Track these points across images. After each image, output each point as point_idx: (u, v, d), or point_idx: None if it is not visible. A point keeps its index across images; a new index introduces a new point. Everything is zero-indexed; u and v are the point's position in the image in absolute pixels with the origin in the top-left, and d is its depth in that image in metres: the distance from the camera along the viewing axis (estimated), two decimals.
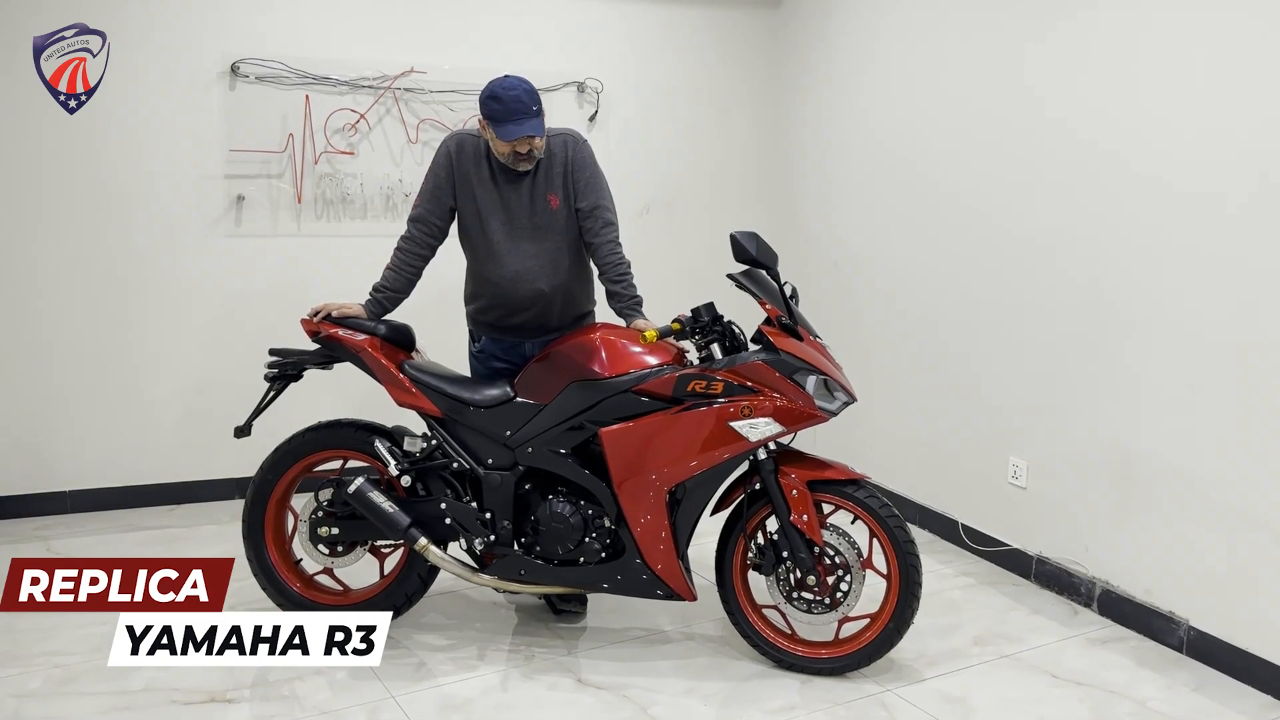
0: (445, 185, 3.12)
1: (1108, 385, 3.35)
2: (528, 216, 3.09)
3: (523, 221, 3.09)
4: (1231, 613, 3.01)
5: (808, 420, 2.83)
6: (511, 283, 3.10)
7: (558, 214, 3.10)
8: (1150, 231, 3.17)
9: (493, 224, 3.09)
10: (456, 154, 3.10)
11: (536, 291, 3.11)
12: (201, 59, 4.19)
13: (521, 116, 2.89)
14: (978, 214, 3.85)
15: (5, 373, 4.10)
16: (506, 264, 3.10)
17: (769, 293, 2.89)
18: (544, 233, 3.10)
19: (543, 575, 3.02)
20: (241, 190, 4.30)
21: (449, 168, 3.11)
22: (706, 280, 3.69)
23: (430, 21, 4.49)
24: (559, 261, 3.13)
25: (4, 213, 4.02)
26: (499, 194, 3.09)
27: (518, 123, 2.89)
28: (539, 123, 2.93)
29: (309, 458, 3.17)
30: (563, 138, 3.12)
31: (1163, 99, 3.11)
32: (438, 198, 3.13)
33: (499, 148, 2.97)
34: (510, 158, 2.98)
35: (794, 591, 2.92)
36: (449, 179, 3.11)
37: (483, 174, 3.09)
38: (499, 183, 3.09)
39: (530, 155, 2.98)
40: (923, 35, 4.10)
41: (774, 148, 5.12)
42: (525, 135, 2.91)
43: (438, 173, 3.13)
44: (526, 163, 3.00)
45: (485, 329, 3.26)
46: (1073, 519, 3.52)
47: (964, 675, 3.00)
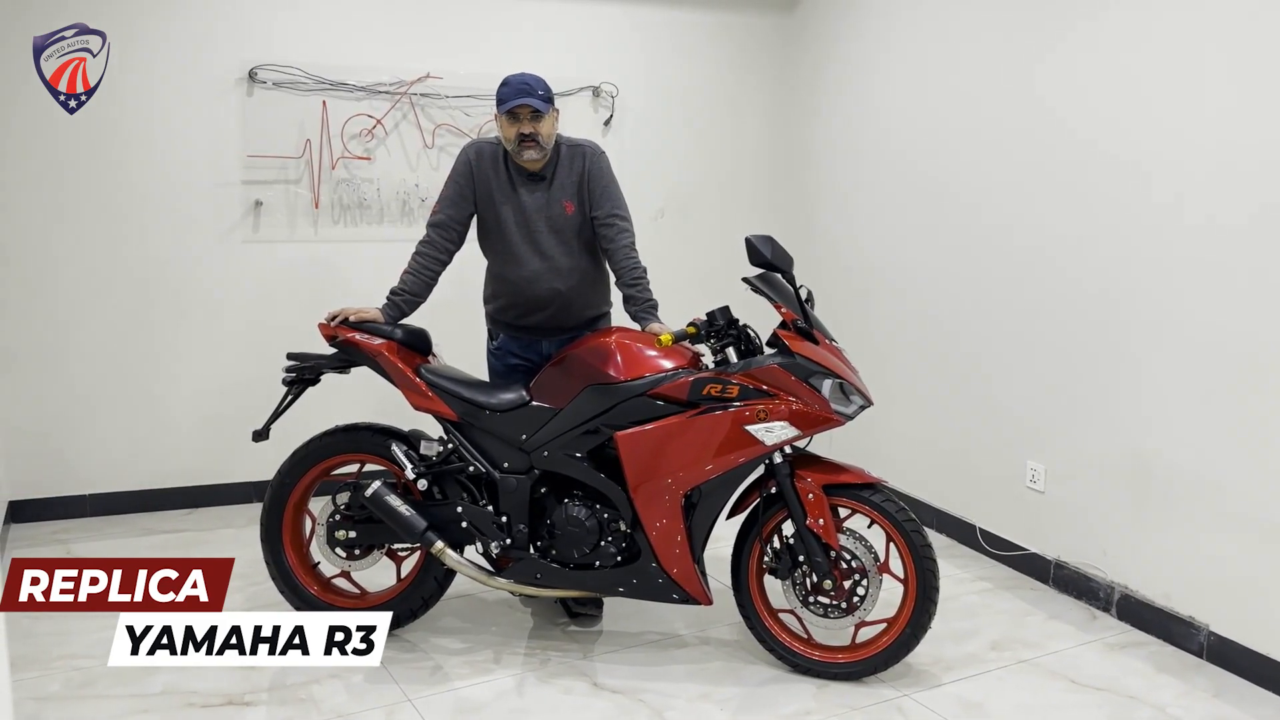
0: (466, 190, 3.20)
1: (1125, 390, 3.33)
2: (544, 220, 3.16)
3: (539, 224, 3.16)
4: (1251, 617, 2.99)
5: (823, 424, 2.82)
6: (529, 282, 3.17)
7: (572, 219, 3.18)
8: (1165, 238, 3.15)
9: (511, 227, 3.17)
10: (476, 160, 3.19)
11: (553, 291, 3.18)
12: (220, 65, 4.22)
13: (524, 94, 3.03)
14: (992, 218, 3.84)
15: (25, 377, 4.13)
16: (524, 265, 3.17)
17: (784, 296, 2.89)
18: (559, 236, 3.17)
19: (558, 579, 3.02)
20: (259, 195, 4.33)
21: (469, 174, 3.19)
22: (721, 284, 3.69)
23: (446, 27, 4.52)
24: (574, 263, 3.20)
25: (25, 218, 4.05)
26: (517, 198, 3.17)
27: (519, 97, 3.03)
28: (541, 102, 3.04)
29: (326, 461, 3.19)
30: (581, 148, 3.21)
31: (1176, 109, 3.10)
32: (458, 203, 3.21)
33: (506, 133, 3.08)
34: (516, 143, 3.07)
35: (810, 596, 2.92)
36: (469, 184, 3.19)
37: (501, 179, 3.17)
38: (516, 188, 3.17)
39: (535, 141, 3.06)
40: (936, 41, 4.10)
41: (788, 152, 5.12)
42: (524, 105, 3.01)
43: (458, 179, 3.21)
44: (533, 148, 3.07)
45: (503, 328, 3.32)
46: (1091, 523, 3.50)
47: (981, 680, 2.99)
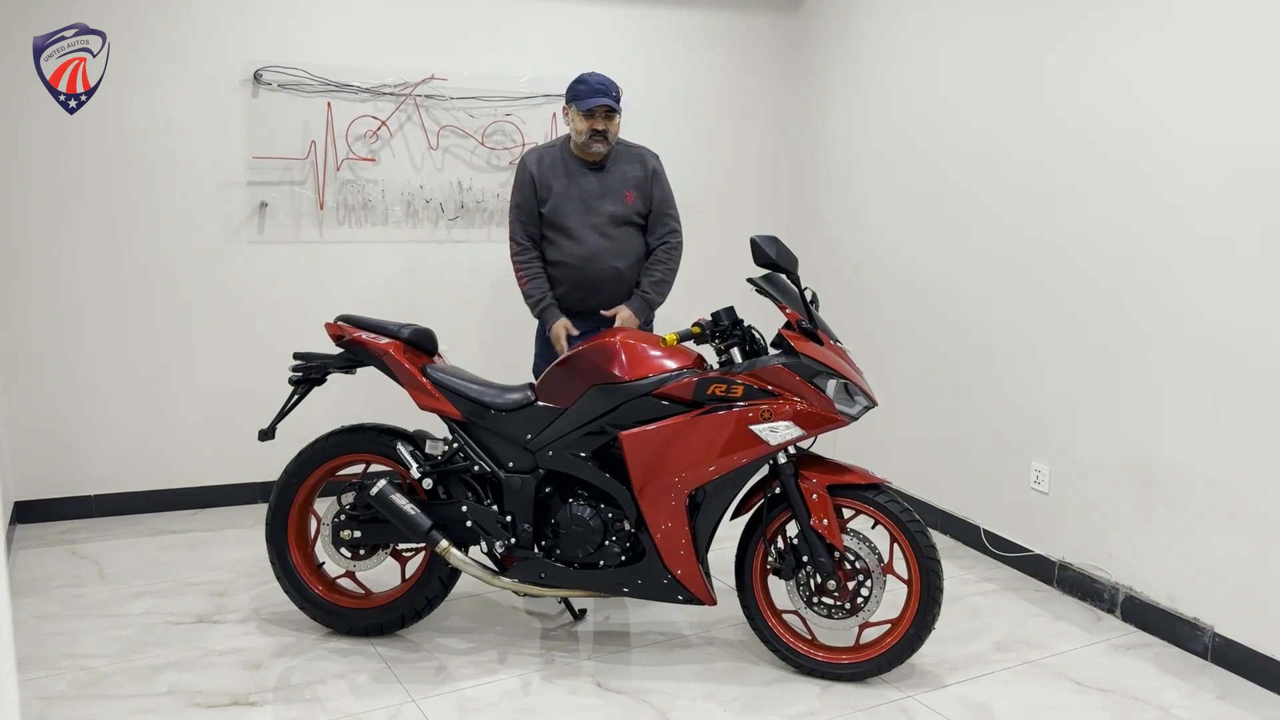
0: (531, 196, 3.57)
1: (1130, 391, 3.33)
2: (603, 205, 3.53)
3: (598, 207, 3.53)
4: (1257, 619, 2.98)
5: (828, 424, 2.82)
6: (589, 261, 3.52)
7: (632, 208, 3.56)
8: (1173, 239, 3.15)
9: (570, 211, 3.52)
10: (537, 168, 3.57)
11: (613, 270, 3.55)
12: (225, 67, 4.23)
13: (602, 94, 3.42)
14: (999, 220, 3.84)
15: (31, 378, 4.15)
16: (585, 243, 3.53)
17: (789, 297, 2.89)
18: (618, 221, 3.54)
19: (563, 579, 3.03)
20: (264, 197, 4.34)
21: (531, 183, 3.56)
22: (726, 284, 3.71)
23: (450, 29, 4.52)
24: (631, 246, 3.59)
25: (32, 220, 4.07)
26: (577, 186, 3.53)
27: (598, 97, 3.41)
28: (616, 103, 3.44)
29: (332, 461, 3.19)
30: (643, 150, 3.67)
31: (1186, 110, 3.09)
32: (527, 208, 3.58)
33: (579, 126, 3.46)
34: (587, 136, 3.45)
35: (814, 596, 2.92)
36: (533, 189, 3.56)
37: (558, 174, 3.55)
38: (575, 178, 3.55)
39: (606, 137, 3.47)
40: (943, 42, 4.10)
41: (793, 152, 5.12)
42: (602, 106, 3.41)
43: (523, 188, 3.59)
44: (601, 143, 3.48)
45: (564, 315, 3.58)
46: (1095, 524, 3.50)
47: (986, 681, 2.99)
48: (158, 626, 3.25)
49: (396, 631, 3.20)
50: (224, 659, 3.04)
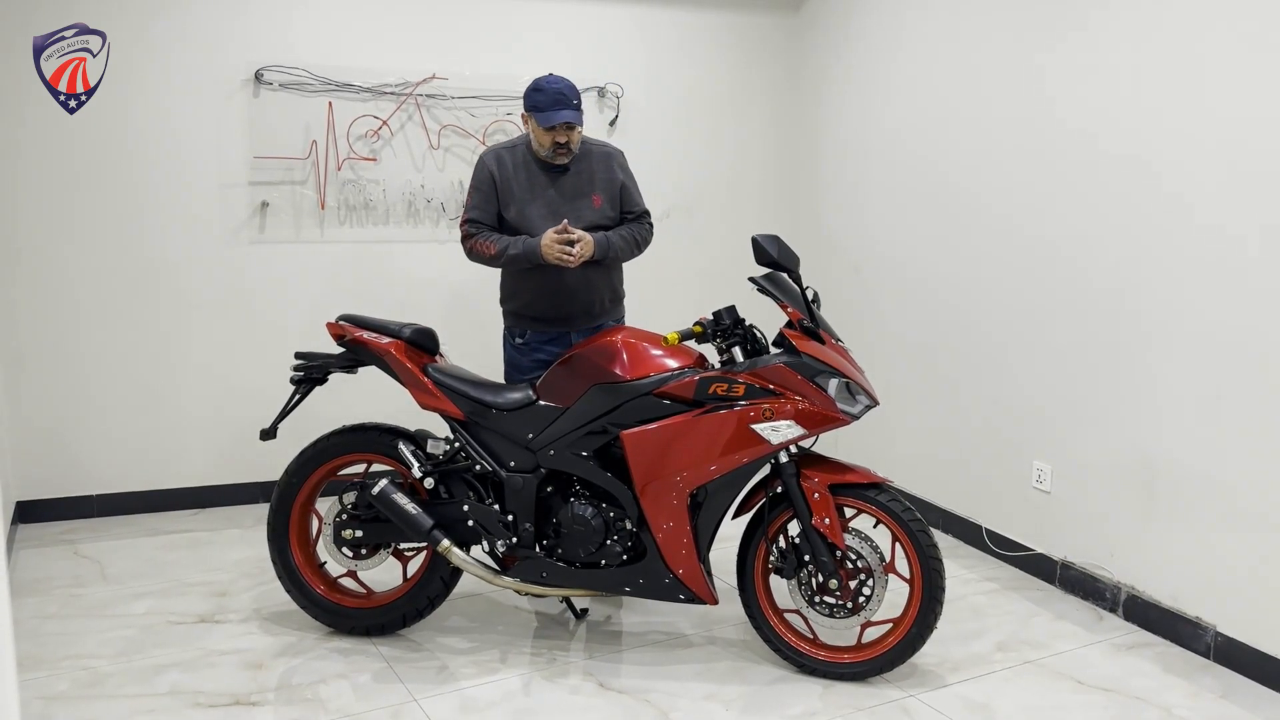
0: (491, 196, 3.31)
1: (1131, 390, 3.33)
2: (570, 209, 3.28)
3: (564, 212, 3.26)
4: (1259, 618, 2.98)
5: (829, 423, 2.82)
6: (558, 269, 3.21)
7: (600, 212, 3.32)
8: (1174, 238, 3.15)
9: (536, 217, 3.26)
10: (497, 168, 3.30)
11: (582, 277, 3.27)
12: (226, 67, 4.23)
13: (562, 106, 3.15)
14: (1000, 219, 3.84)
15: (32, 377, 4.15)
16: None
17: (790, 296, 2.89)
18: (587, 227, 3.25)
19: (564, 578, 3.03)
20: (266, 196, 4.34)
21: (491, 181, 3.30)
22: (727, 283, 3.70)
23: (451, 29, 4.52)
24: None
25: (34, 219, 4.07)
26: (544, 191, 3.29)
27: (558, 110, 3.15)
28: (578, 114, 3.19)
29: (333, 461, 3.19)
30: (608, 150, 3.41)
31: (1187, 107, 3.09)
32: (487, 210, 3.31)
33: (540, 138, 3.21)
34: (550, 149, 3.22)
35: (816, 596, 2.92)
36: (493, 190, 3.30)
37: (521, 178, 3.29)
38: (539, 181, 3.30)
39: (569, 147, 3.22)
40: (944, 40, 4.09)
41: (794, 151, 5.12)
42: (564, 123, 3.16)
43: (481, 186, 3.32)
44: (564, 155, 3.24)
45: (528, 322, 3.38)
46: (1098, 524, 3.50)
47: (987, 681, 2.98)
48: (159, 626, 3.25)
49: (398, 631, 3.20)
50: (225, 659, 3.04)
